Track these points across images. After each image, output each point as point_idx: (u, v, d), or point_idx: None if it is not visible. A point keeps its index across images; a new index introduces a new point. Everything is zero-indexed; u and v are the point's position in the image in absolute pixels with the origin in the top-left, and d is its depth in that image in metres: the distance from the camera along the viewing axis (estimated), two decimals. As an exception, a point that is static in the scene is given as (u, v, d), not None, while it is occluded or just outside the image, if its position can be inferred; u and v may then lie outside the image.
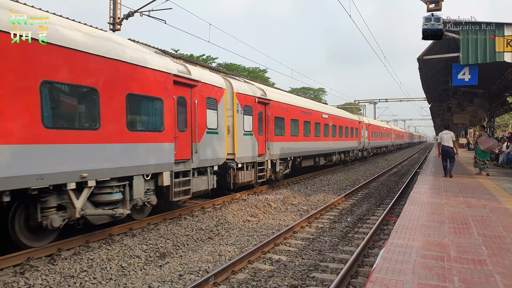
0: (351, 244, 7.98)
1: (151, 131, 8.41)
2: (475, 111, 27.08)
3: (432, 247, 5.22)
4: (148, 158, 8.27)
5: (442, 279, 4.07)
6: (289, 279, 5.96)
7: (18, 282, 5.50)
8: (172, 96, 9.02)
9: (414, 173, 21.22)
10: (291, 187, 15.74)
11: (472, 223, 6.65)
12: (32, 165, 5.92)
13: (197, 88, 10.00)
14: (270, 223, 9.79)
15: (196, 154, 9.98)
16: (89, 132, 6.94)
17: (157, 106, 8.60)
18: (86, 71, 6.89)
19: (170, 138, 8.96)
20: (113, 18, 15.15)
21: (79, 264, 6.25)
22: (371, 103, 57.18)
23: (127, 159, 7.73)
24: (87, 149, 6.86)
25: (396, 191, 15.17)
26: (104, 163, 7.17)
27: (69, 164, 6.50)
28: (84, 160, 6.76)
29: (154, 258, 6.91)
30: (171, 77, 8.95)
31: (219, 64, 43.44)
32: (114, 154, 7.44)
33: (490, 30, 11.79)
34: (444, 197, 9.42)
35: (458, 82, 13.16)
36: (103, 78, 7.21)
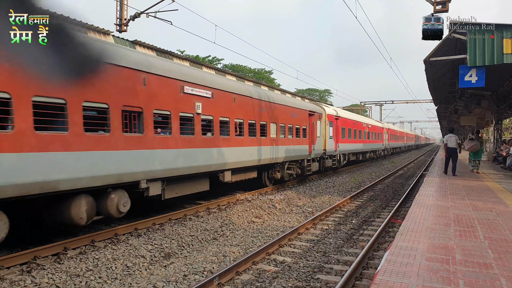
0: (356, 246, 7.96)
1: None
2: (483, 113, 26.86)
3: (437, 250, 5.19)
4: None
5: (447, 282, 4.05)
6: (293, 281, 5.96)
7: (25, 281, 5.56)
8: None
9: (420, 176, 21.10)
10: (296, 188, 15.73)
11: (478, 226, 6.61)
12: None
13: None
14: (274, 224, 9.80)
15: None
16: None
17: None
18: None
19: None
20: (119, 19, 15.26)
21: (84, 263, 6.30)
22: (377, 104, 56.97)
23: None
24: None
25: (401, 193, 15.09)
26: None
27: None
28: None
29: (159, 258, 6.94)
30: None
31: (225, 65, 43.54)
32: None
33: (498, 31, 11.71)
34: (450, 199, 9.36)
35: (465, 84, 13.06)
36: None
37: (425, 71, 16.59)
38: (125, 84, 7.66)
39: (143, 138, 8.14)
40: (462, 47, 13.09)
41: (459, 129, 46.50)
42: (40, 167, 6.11)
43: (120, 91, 7.55)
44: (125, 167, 7.68)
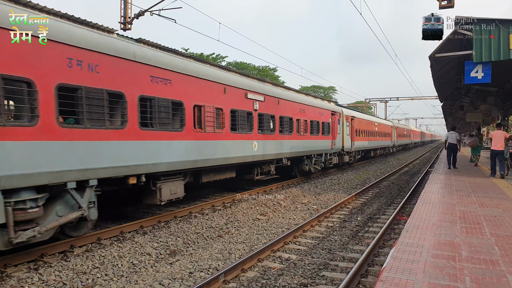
0: (361, 243, 7.95)
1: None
2: (488, 110, 26.64)
3: (443, 247, 5.17)
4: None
5: (453, 279, 4.04)
6: (298, 278, 5.96)
7: (32, 278, 5.61)
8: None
9: (426, 172, 21.01)
10: (301, 186, 15.71)
11: (484, 223, 6.57)
12: None
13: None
14: (279, 222, 9.80)
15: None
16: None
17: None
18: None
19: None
20: (124, 17, 15.29)
21: (91, 261, 6.34)
22: (382, 101, 56.73)
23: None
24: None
25: (407, 190, 15.03)
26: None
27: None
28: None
29: (165, 256, 6.97)
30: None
31: (229, 63, 43.45)
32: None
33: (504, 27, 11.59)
34: (456, 196, 9.32)
35: (471, 80, 12.95)
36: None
37: (430, 68, 16.48)
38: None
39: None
40: (468, 43, 12.97)
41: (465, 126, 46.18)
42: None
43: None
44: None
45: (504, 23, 11.70)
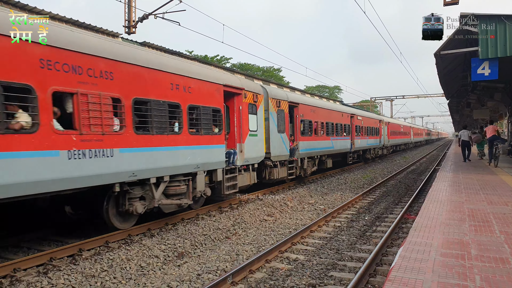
0: (369, 243, 7.91)
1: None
2: (496, 107, 26.35)
3: (452, 246, 5.13)
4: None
5: (462, 277, 4.00)
6: (306, 278, 5.95)
7: (42, 282, 5.64)
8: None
9: (433, 171, 20.86)
10: (307, 186, 15.68)
11: (493, 220, 6.51)
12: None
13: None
14: (287, 222, 9.79)
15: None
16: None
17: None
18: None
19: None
20: (128, 21, 15.36)
21: (99, 264, 6.37)
22: (388, 100, 56.47)
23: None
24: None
25: (414, 189, 14.94)
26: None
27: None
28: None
29: (173, 258, 6.99)
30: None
31: (233, 64, 43.54)
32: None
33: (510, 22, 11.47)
34: (464, 194, 9.24)
35: (477, 77, 12.83)
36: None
37: (435, 65, 16.36)
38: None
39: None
40: (473, 40, 12.86)
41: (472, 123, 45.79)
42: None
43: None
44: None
45: (509, 19, 11.59)
